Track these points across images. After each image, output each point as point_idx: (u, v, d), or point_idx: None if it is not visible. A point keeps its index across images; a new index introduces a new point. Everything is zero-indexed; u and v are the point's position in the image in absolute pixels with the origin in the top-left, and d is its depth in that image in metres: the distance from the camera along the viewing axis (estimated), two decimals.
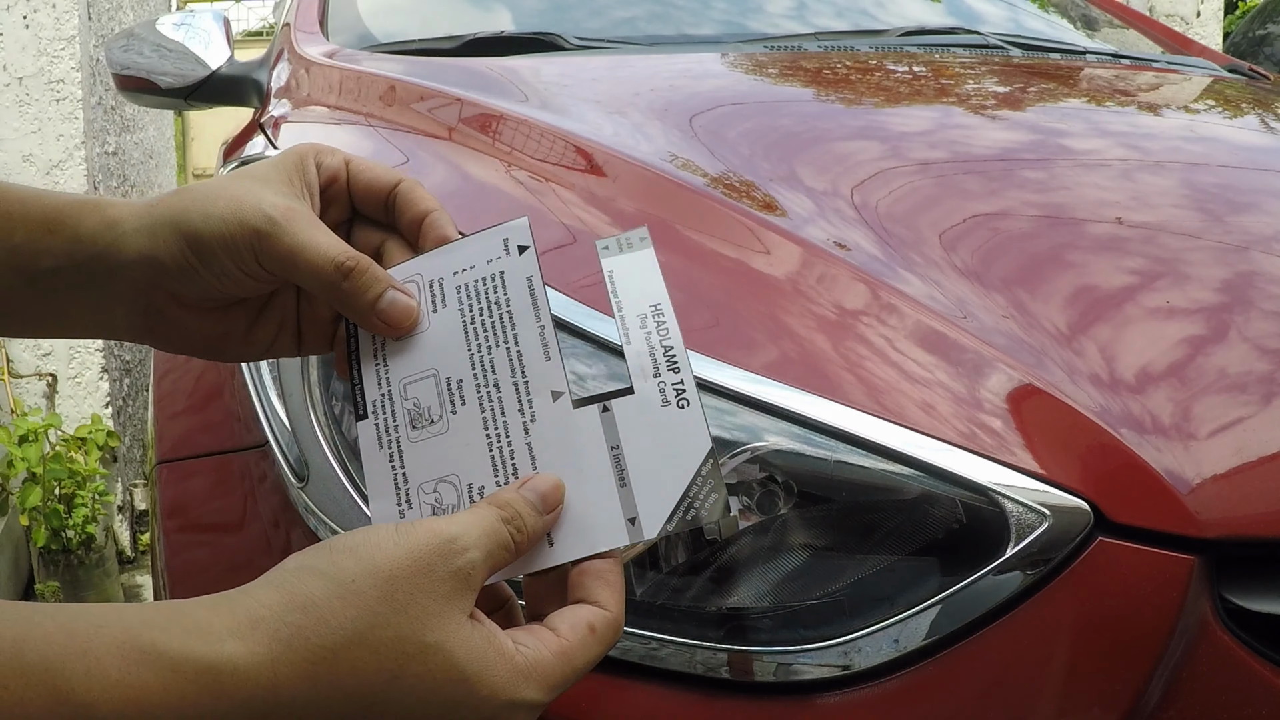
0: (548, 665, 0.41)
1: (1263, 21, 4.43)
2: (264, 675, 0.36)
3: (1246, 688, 0.57)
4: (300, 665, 0.37)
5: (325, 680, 0.37)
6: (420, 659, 0.39)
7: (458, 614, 0.40)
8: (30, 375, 2.59)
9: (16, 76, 2.60)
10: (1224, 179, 0.95)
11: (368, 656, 0.38)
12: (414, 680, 0.39)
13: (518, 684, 0.40)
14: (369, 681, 0.38)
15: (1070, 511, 0.58)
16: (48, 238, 0.48)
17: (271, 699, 0.36)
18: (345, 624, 0.38)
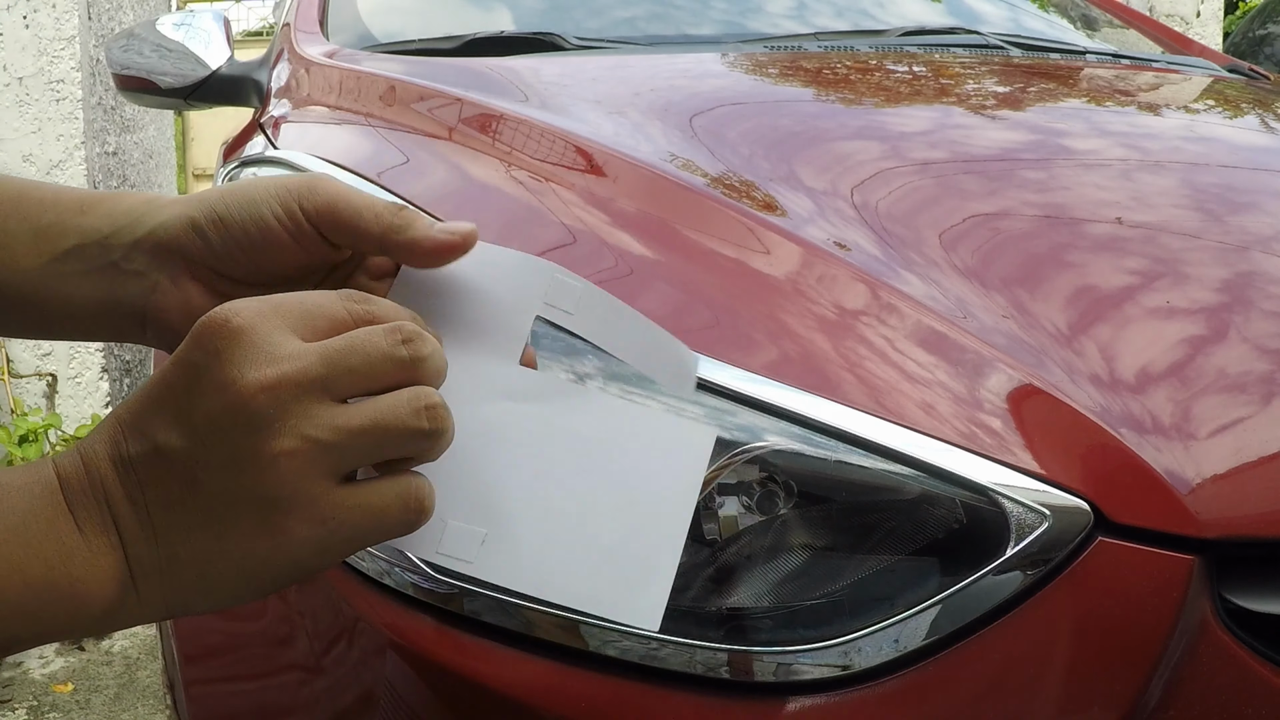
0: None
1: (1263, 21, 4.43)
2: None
3: (1246, 688, 0.57)
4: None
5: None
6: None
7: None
8: (30, 375, 2.60)
9: (16, 76, 2.60)
10: (1224, 179, 0.95)
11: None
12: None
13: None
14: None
15: (1070, 511, 0.58)
16: (78, 218, 0.48)
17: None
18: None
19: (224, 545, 0.38)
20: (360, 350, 0.39)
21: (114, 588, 0.38)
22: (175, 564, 0.39)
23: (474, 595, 0.61)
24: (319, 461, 0.38)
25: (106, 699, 2.00)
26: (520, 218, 0.80)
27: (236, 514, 0.38)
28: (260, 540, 0.38)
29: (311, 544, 0.39)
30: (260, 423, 0.38)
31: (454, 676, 0.61)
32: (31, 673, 2.09)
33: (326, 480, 0.39)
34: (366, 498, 0.39)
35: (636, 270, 0.73)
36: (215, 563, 0.39)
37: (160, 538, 0.38)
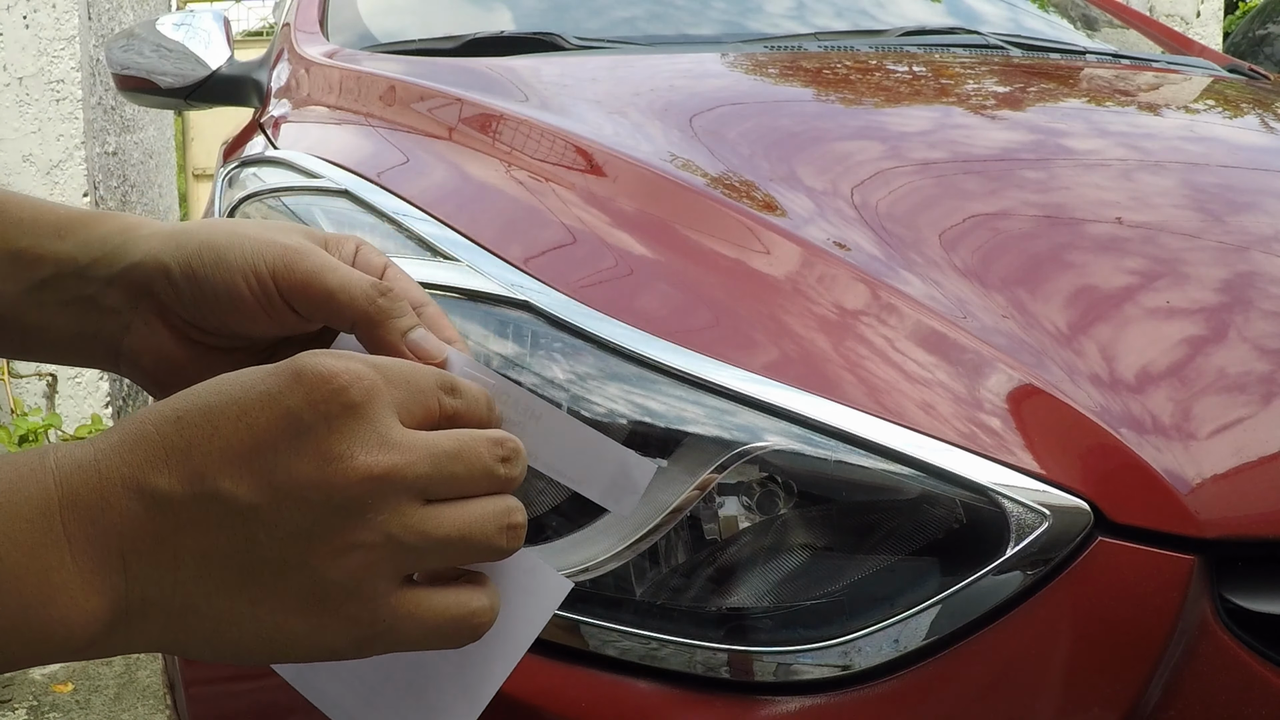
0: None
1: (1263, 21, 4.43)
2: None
3: (1246, 688, 0.57)
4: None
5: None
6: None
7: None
8: (30, 375, 2.60)
9: (16, 76, 2.60)
10: (1224, 179, 0.95)
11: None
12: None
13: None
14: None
15: (1070, 511, 0.58)
16: (55, 243, 0.47)
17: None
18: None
19: (256, 612, 0.36)
20: (465, 460, 0.38)
21: (100, 627, 0.34)
22: (190, 615, 0.35)
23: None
24: (392, 562, 0.36)
25: (106, 699, 2.00)
26: (520, 218, 0.80)
27: (284, 588, 0.35)
28: (299, 620, 0.36)
29: (351, 638, 0.37)
30: (353, 509, 0.35)
31: None
32: (31, 673, 2.09)
33: (390, 581, 0.37)
34: (422, 610, 0.37)
35: (636, 270, 0.73)
36: (239, 626, 0.36)
37: (181, 588, 0.35)
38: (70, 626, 0.34)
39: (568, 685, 0.59)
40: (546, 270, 0.70)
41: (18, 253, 0.47)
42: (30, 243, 0.47)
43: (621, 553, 0.59)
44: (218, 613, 0.35)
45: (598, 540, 0.60)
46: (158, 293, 0.47)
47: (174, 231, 0.47)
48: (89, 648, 0.35)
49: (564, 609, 0.60)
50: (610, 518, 0.60)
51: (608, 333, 0.64)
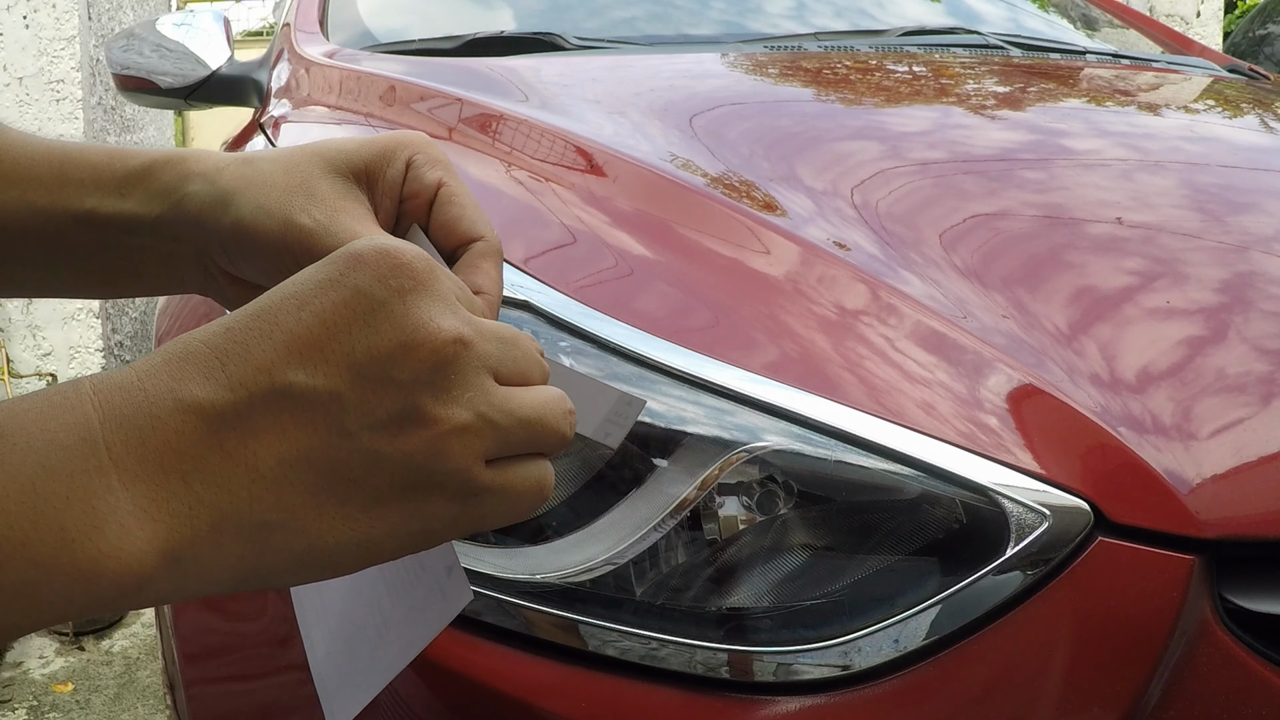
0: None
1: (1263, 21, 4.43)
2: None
3: (1246, 688, 0.57)
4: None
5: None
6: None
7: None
8: (30, 375, 2.60)
9: (16, 76, 2.60)
10: (1224, 179, 0.95)
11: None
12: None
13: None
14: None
15: (1070, 511, 0.58)
16: (119, 202, 0.47)
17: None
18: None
19: (348, 512, 0.33)
20: (521, 345, 0.37)
21: (155, 563, 0.30)
22: (275, 532, 0.32)
23: (474, 595, 0.61)
24: (485, 442, 0.35)
25: (106, 699, 2.00)
26: (520, 218, 0.80)
27: (378, 481, 0.33)
28: (396, 513, 0.33)
29: (445, 519, 0.35)
30: (442, 384, 0.33)
31: (454, 676, 0.61)
32: (31, 673, 2.09)
33: (480, 460, 0.35)
34: (510, 480, 0.36)
35: (636, 270, 0.73)
36: (332, 534, 0.33)
37: (259, 503, 0.31)
38: (123, 560, 0.29)
39: (568, 685, 0.59)
40: (546, 270, 0.70)
41: (87, 214, 0.47)
42: (96, 202, 0.47)
43: (621, 553, 0.59)
44: (305, 524, 0.32)
45: (598, 540, 0.60)
46: (214, 256, 0.47)
47: (214, 196, 0.46)
48: (145, 588, 0.30)
49: (564, 609, 0.60)
50: (611, 517, 0.60)
51: (608, 333, 0.64)
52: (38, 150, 0.48)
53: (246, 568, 0.32)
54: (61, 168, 0.47)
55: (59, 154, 0.48)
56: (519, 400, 0.36)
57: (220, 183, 0.46)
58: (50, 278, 0.50)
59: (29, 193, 0.47)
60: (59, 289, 0.51)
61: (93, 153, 0.48)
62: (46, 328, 2.59)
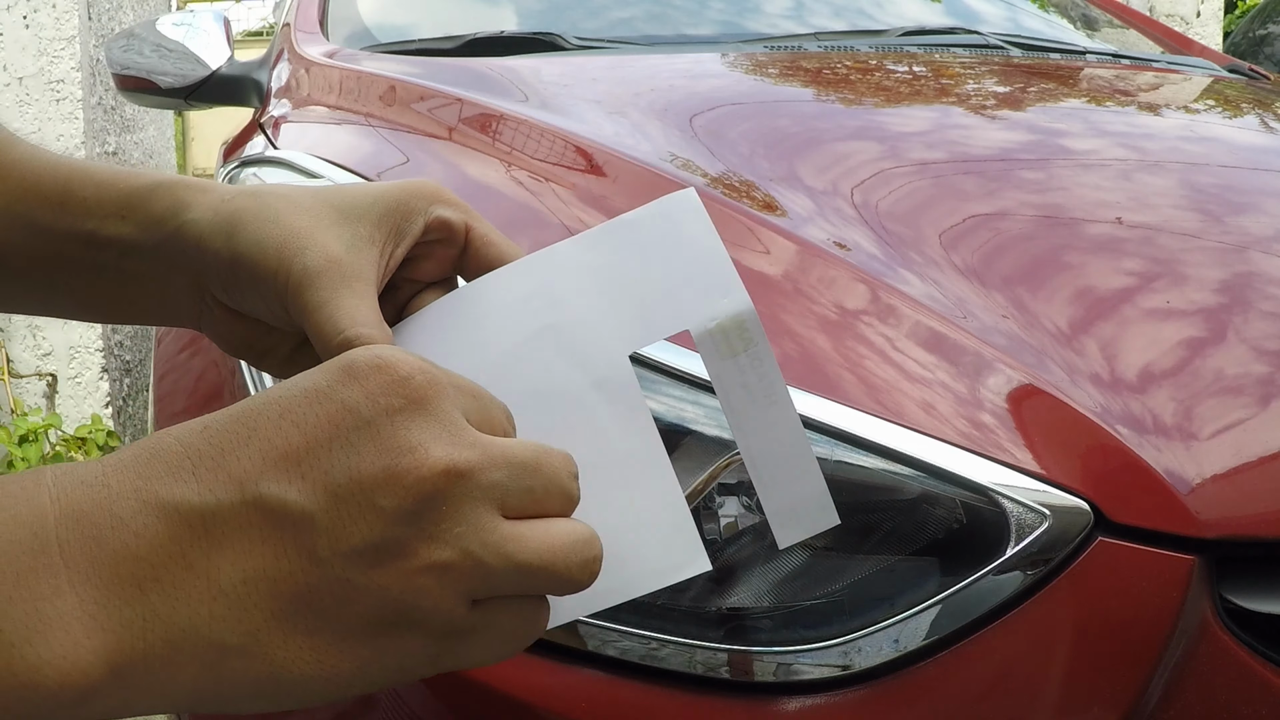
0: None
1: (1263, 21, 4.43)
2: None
3: (1246, 688, 0.57)
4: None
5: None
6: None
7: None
8: (30, 375, 2.60)
9: (16, 76, 2.60)
10: (1224, 179, 0.95)
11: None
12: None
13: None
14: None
15: (1070, 511, 0.58)
16: (119, 225, 0.46)
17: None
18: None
19: (314, 644, 0.30)
20: (543, 472, 0.34)
21: (100, 676, 0.28)
22: (232, 657, 0.29)
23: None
24: (469, 583, 0.32)
25: None
26: (520, 218, 0.80)
27: (348, 613, 0.30)
28: (366, 649, 0.31)
29: (422, 658, 0.32)
30: (428, 517, 0.30)
31: (453, 676, 0.61)
32: None
33: (465, 602, 0.32)
34: (496, 621, 0.33)
35: None
36: (295, 665, 0.30)
37: (218, 623, 0.29)
38: (64, 671, 0.27)
39: (568, 685, 0.59)
40: None
41: (88, 235, 0.46)
42: (96, 225, 0.46)
43: None
44: (268, 651, 0.30)
45: None
46: (209, 286, 0.46)
47: (214, 224, 0.44)
48: (87, 702, 0.28)
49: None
50: None
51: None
52: (45, 166, 0.47)
53: (201, 690, 0.30)
54: (67, 185, 0.47)
55: (65, 172, 0.47)
56: (520, 542, 0.32)
57: (223, 212, 0.44)
58: (51, 299, 0.50)
59: (35, 210, 0.47)
60: (60, 310, 0.50)
61: (98, 172, 0.47)
62: (46, 328, 2.59)
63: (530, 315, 0.42)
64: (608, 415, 0.40)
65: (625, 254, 0.42)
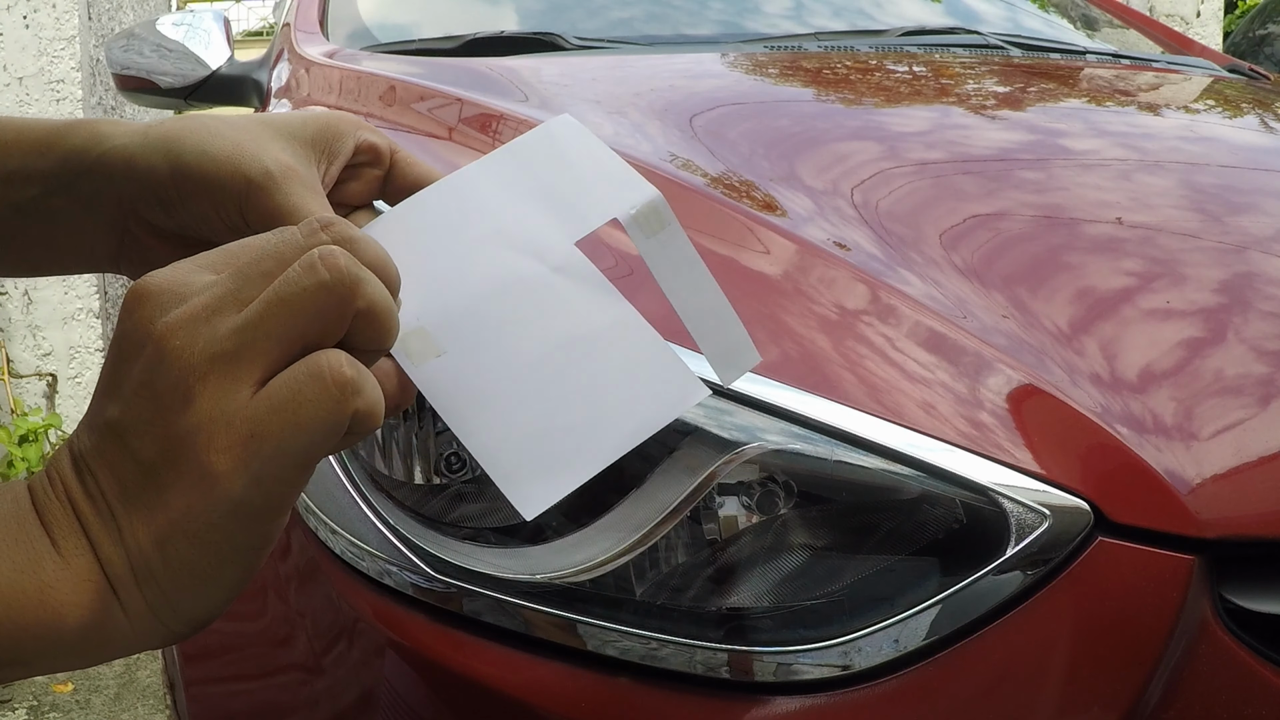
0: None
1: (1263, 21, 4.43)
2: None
3: (1246, 688, 0.57)
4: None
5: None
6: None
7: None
8: (30, 375, 2.60)
9: (16, 76, 2.60)
10: (1224, 179, 0.95)
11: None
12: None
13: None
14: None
15: (1070, 511, 0.58)
16: (39, 160, 0.47)
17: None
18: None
19: (170, 515, 0.34)
20: (274, 252, 0.36)
21: (90, 594, 0.34)
22: (142, 556, 0.34)
23: (473, 595, 0.61)
24: (231, 377, 0.34)
25: (106, 699, 2.00)
26: None
27: (173, 473, 0.34)
28: (196, 494, 0.34)
29: (241, 475, 0.34)
30: (174, 362, 0.34)
31: (453, 676, 0.61)
32: None
33: (246, 395, 0.34)
34: (275, 393, 0.34)
35: (636, 270, 0.73)
36: (173, 541, 0.34)
37: (124, 531, 0.34)
38: (62, 594, 0.34)
39: (568, 685, 0.59)
40: None
41: (9, 174, 0.47)
42: (18, 163, 0.47)
43: (621, 553, 0.59)
44: (155, 540, 0.34)
45: (598, 540, 0.60)
46: (139, 209, 0.47)
47: (145, 145, 0.46)
48: (92, 631, 0.34)
49: (564, 609, 0.60)
50: (611, 517, 0.60)
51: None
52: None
53: (157, 597, 0.35)
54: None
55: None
56: (246, 309, 0.35)
57: (155, 134, 0.46)
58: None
59: None
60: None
61: (18, 119, 0.49)
62: (46, 328, 2.59)
63: (469, 226, 0.46)
64: (575, 293, 0.44)
65: (534, 169, 0.47)
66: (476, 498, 0.66)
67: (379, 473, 0.68)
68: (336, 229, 0.36)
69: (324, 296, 0.34)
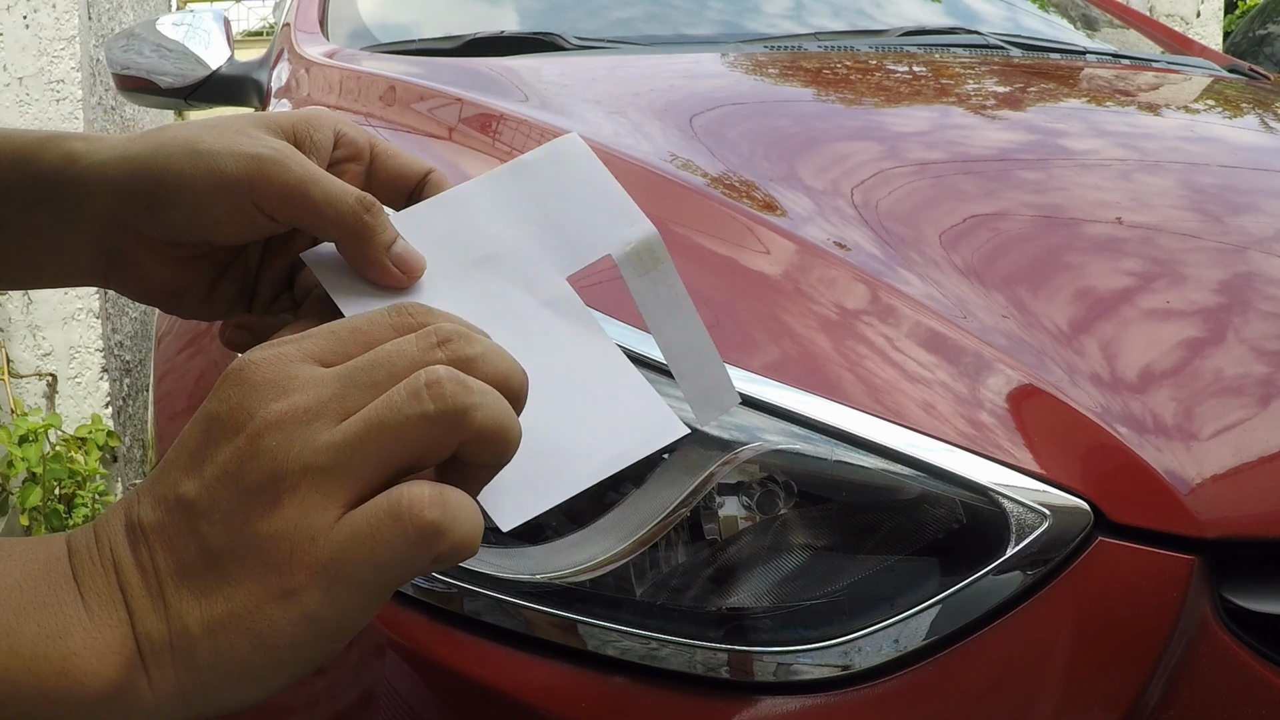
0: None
1: (1263, 21, 4.43)
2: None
3: (1246, 688, 0.57)
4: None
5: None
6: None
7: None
8: (30, 375, 2.59)
9: (16, 76, 2.60)
10: (1224, 179, 0.95)
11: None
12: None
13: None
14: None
15: (1070, 511, 0.58)
16: (13, 175, 0.47)
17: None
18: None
19: (233, 608, 0.33)
20: (385, 363, 0.35)
21: (116, 666, 0.33)
22: (187, 639, 0.33)
23: (474, 595, 0.61)
24: (322, 492, 0.33)
25: None
26: None
27: (241, 570, 0.33)
28: (266, 598, 0.33)
29: (317, 594, 0.33)
30: (267, 461, 0.33)
31: (453, 676, 0.61)
32: None
33: (333, 515, 0.33)
34: (357, 525, 0.33)
35: None
36: (226, 632, 0.33)
37: (170, 609, 0.33)
38: (87, 662, 0.33)
39: (568, 685, 0.59)
40: None
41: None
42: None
43: (621, 553, 0.59)
44: (206, 626, 0.33)
45: (598, 540, 0.60)
46: (127, 221, 0.46)
47: (126, 156, 0.46)
48: (112, 701, 0.33)
49: (564, 609, 0.60)
50: (611, 517, 0.60)
51: (607, 333, 0.64)
52: None
53: (190, 679, 0.34)
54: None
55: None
56: (345, 426, 0.34)
57: (136, 146, 0.46)
58: None
59: None
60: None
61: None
62: (46, 328, 2.59)
63: (462, 249, 0.46)
64: (562, 329, 0.45)
65: (532, 192, 0.47)
66: None
67: None
68: (454, 347, 0.35)
69: (427, 428, 0.34)
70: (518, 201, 0.47)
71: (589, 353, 0.44)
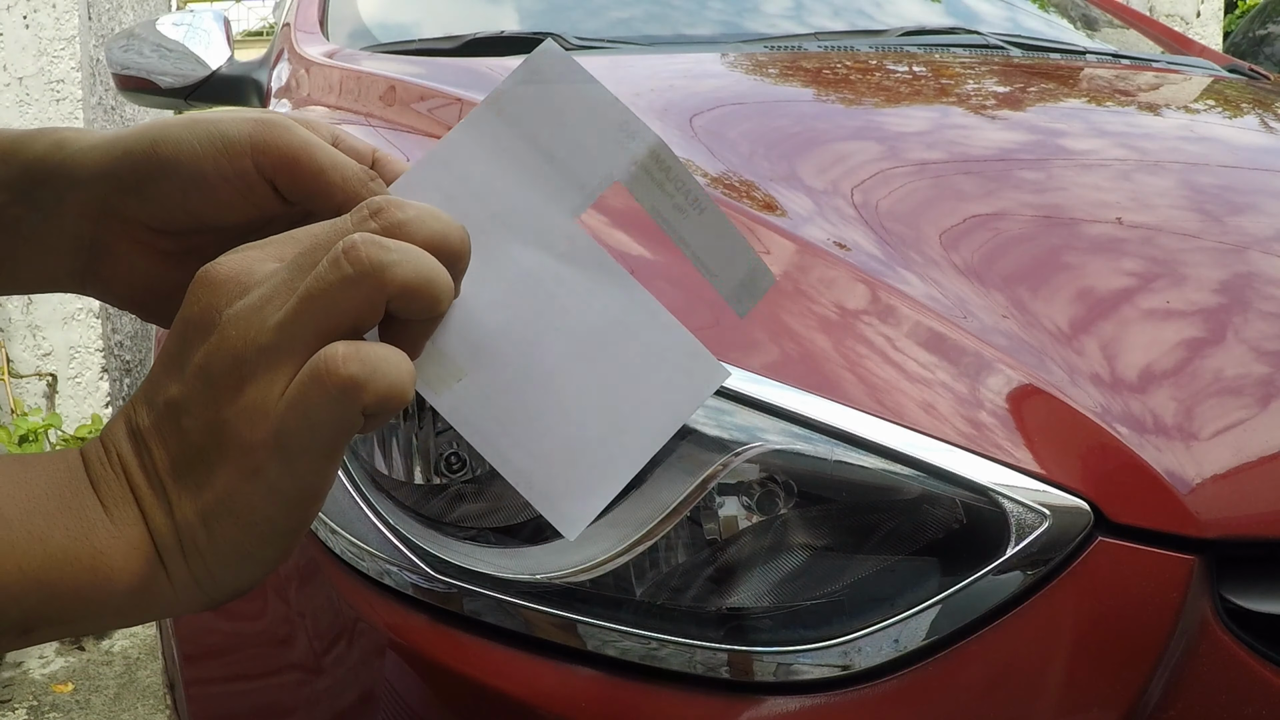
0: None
1: (1263, 21, 4.43)
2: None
3: (1246, 688, 0.57)
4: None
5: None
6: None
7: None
8: (30, 375, 2.60)
9: (16, 76, 2.60)
10: (1224, 179, 0.95)
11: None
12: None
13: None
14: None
15: (1070, 511, 0.58)
16: (3, 168, 0.46)
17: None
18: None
19: (218, 494, 0.36)
20: (325, 242, 0.36)
21: (139, 562, 0.36)
22: (189, 530, 0.36)
23: (474, 595, 0.61)
24: (270, 368, 0.35)
25: (106, 699, 2.00)
26: None
27: (218, 455, 0.35)
28: (239, 478, 0.35)
29: (274, 465, 0.35)
30: (229, 350, 0.35)
31: (453, 677, 0.61)
32: (31, 673, 2.09)
33: (279, 389, 0.35)
34: (291, 393, 0.35)
35: (636, 270, 0.73)
36: (217, 518, 0.36)
37: (173, 504, 0.36)
38: (113, 559, 0.36)
39: (568, 685, 0.60)
40: None
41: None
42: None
43: (621, 553, 0.59)
44: (202, 515, 0.36)
45: (598, 540, 0.60)
46: (115, 207, 0.45)
47: (116, 139, 0.45)
48: (138, 595, 0.36)
49: (564, 609, 0.60)
50: (611, 517, 0.60)
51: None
52: None
53: (200, 567, 0.37)
54: None
55: None
56: (285, 305, 0.35)
57: (125, 133, 0.45)
58: None
59: None
60: None
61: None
62: (46, 328, 2.59)
63: (462, 214, 0.42)
64: (585, 283, 0.42)
65: (521, 129, 0.44)
66: (476, 498, 0.66)
67: (379, 473, 0.68)
68: (385, 215, 0.37)
69: (349, 290, 0.35)
70: (508, 143, 0.43)
71: (617, 305, 0.42)
